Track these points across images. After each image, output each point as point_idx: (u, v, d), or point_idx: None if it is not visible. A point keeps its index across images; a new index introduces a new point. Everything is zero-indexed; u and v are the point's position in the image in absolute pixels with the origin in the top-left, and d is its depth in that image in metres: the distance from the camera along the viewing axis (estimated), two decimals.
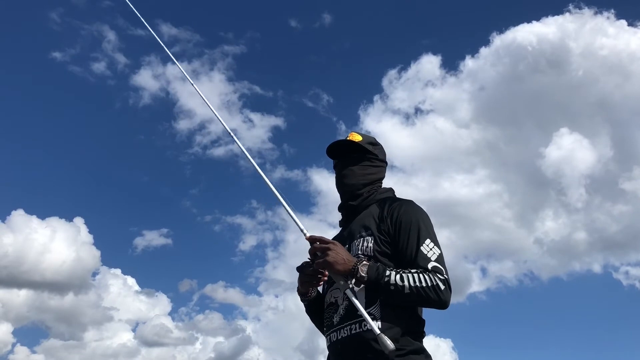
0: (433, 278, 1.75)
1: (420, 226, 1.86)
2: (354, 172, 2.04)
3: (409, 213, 1.90)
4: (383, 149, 2.14)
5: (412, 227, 1.86)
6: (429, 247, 1.83)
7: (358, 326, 1.82)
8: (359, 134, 2.10)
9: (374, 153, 2.07)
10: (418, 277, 1.75)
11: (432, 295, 1.73)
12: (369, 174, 2.05)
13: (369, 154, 2.06)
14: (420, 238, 1.84)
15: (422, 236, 1.84)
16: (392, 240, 1.87)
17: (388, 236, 1.88)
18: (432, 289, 1.73)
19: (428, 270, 1.78)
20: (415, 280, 1.74)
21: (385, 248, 1.87)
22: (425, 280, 1.74)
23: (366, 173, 2.04)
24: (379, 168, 2.08)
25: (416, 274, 1.75)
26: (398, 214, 1.90)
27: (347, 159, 2.07)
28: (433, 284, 1.74)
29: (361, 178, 2.04)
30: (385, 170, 2.13)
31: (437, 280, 1.75)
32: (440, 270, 1.79)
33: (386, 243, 1.88)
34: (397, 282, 1.73)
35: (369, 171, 2.05)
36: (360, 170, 2.04)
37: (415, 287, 1.73)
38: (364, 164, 2.05)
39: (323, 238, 1.85)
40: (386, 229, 1.89)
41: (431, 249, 1.83)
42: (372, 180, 2.05)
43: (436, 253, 1.83)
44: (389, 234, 1.89)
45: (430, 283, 1.74)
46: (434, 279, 1.75)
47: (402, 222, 1.88)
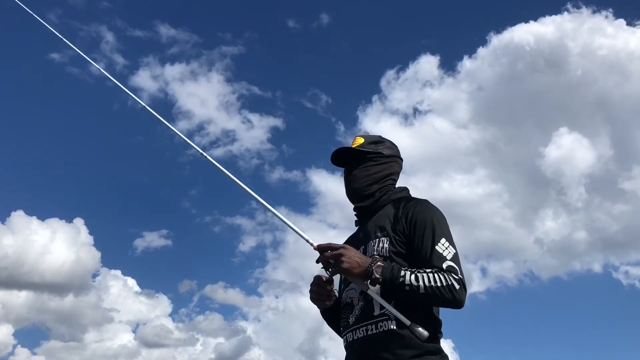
0: (448, 278, 1.74)
1: (435, 225, 1.86)
2: (356, 176, 2.04)
3: (424, 212, 1.89)
4: (391, 143, 2.13)
5: (427, 226, 1.85)
6: (444, 247, 1.82)
7: (374, 327, 1.82)
8: (362, 136, 2.11)
9: (376, 152, 2.06)
10: (433, 276, 1.74)
11: (447, 295, 1.73)
12: (373, 173, 2.04)
13: (370, 154, 2.05)
14: (435, 237, 1.83)
15: (437, 235, 1.84)
16: (407, 240, 1.87)
17: (403, 236, 1.88)
18: (447, 289, 1.73)
19: (443, 269, 1.77)
20: (430, 280, 1.73)
21: (401, 248, 1.87)
22: (440, 280, 1.73)
23: (370, 174, 2.03)
24: (385, 165, 2.06)
25: (431, 274, 1.75)
26: (413, 213, 1.89)
27: (350, 165, 2.08)
28: (448, 283, 1.73)
29: (364, 180, 2.03)
30: (396, 165, 2.10)
31: (452, 279, 1.74)
32: (455, 270, 1.78)
33: (401, 243, 1.87)
34: (412, 282, 1.73)
35: (373, 171, 2.04)
36: (362, 172, 2.04)
37: (430, 286, 1.72)
38: (366, 165, 2.04)
39: (331, 245, 1.82)
40: (401, 228, 1.89)
41: (446, 249, 1.82)
42: (379, 178, 2.04)
43: (451, 252, 1.82)
44: (404, 233, 1.88)
45: (445, 283, 1.73)
46: (449, 279, 1.74)
47: (417, 221, 1.87)
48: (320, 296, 1.97)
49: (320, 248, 1.82)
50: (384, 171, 2.05)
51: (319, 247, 1.83)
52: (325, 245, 1.82)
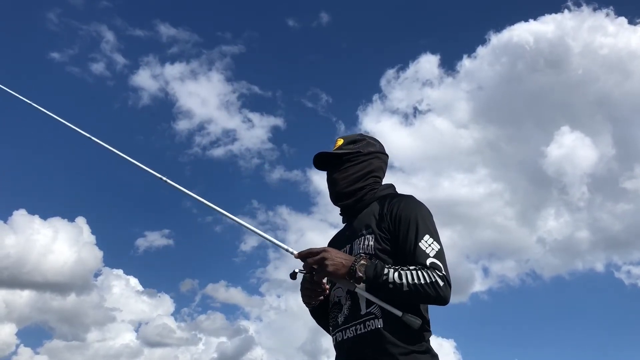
0: (432, 274, 1.74)
1: (419, 222, 1.85)
2: (336, 179, 2.04)
3: (408, 208, 1.89)
4: (372, 139, 2.12)
5: (410, 222, 1.85)
6: (428, 243, 1.81)
7: (362, 327, 1.82)
8: (342, 137, 2.10)
9: (354, 151, 2.04)
10: (417, 274, 1.73)
11: (431, 292, 1.72)
12: (352, 173, 2.02)
13: (347, 154, 2.04)
14: (418, 234, 1.82)
15: (421, 232, 1.83)
16: (392, 237, 1.86)
17: (388, 233, 1.87)
18: (431, 286, 1.72)
19: (426, 266, 1.76)
20: (413, 277, 1.72)
21: (386, 245, 1.86)
22: (423, 277, 1.73)
23: (348, 174, 2.02)
24: (364, 163, 2.04)
25: (414, 271, 1.74)
26: (397, 209, 1.89)
27: (330, 168, 2.08)
28: (432, 280, 1.72)
29: (344, 182, 2.02)
30: (377, 161, 2.08)
31: (435, 276, 1.73)
32: (438, 267, 1.77)
33: (386, 240, 1.87)
34: (395, 279, 1.72)
35: (351, 171, 2.03)
36: (341, 174, 2.03)
37: (414, 284, 1.72)
38: (344, 166, 2.03)
39: (312, 250, 1.82)
40: (386, 225, 1.88)
41: (430, 245, 1.81)
42: (359, 177, 2.02)
43: (435, 249, 1.81)
44: (389, 230, 1.87)
45: (428, 280, 1.72)
46: (432, 276, 1.73)
47: (401, 217, 1.86)
48: (315, 293, 1.96)
49: (301, 255, 1.83)
50: (364, 169, 2.04)
51: (299, 255, 1.84)
52: (305, 252, 1.83)
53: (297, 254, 1.84)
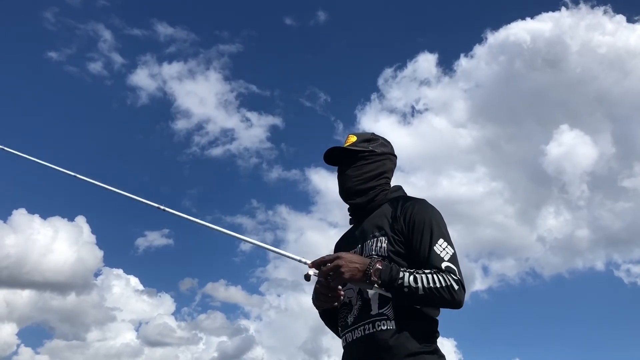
0: (447, 278, 1.74)
1: (433, 226, 1.85)
2: (349, 176, 2.03)
3: (422, 212, 1.89)
4: (385, 140, 2.12)
5: (425, 226, 1.85)
6: (442, 247, 1.82)
7: (371, 326, 1.82)
8: (355, 134, 2.10)
9: (368, 150, 2.05)
10: (432, 277, 1.74)
11: (446, 296, 1.73)
12: (365, 172, 2.02)
13: (362, 152, 2.04)
14: (433, 238, 1.83)
15: (435, 236, 1.84)
16: (406, 240, 1.86)
17: (402, 235, 1.87)
18: (446, 290, 1.72)
19: (441, 270, 1.77)
20: (429, 281, 1.73)
21: (399, 248, 1.86)
22: (439, 281, 1.73)
23: (362, 172, 2.02)
24: (378, 163, 2.05)
25: (430, 275, 1.74)
26: (411, 213, 1.89)
27: (343, 164, 2.07)
28: (447, 284, 1.73)
29: (357, 179, 2.02)
30: (389, 162, 2.09)
31: (450, 280, 1.74)
32: (453, 270, 1.78)
33: (400, 243, 1.87)
34: (410, 283, 1.72)
35: (365, 169, 2.03)
36: (355, 171, 2.03)
37: (429, 288, 1.72)
38: (358, 164, 2.03)
39: (325, 258, 1.82)
40: (399, 228, 1.88)
41: (444, 249, 1.82)
42: (372, 177, 2.03)
43: (449, 253, 1.82)
44: (402, 233, 1.87)
45: (444, 283, 1.73)
46: (447, 279, 1.74)
47: (416, 221, 1.86)
48: (330, 298, 1.91)
49: (315, 264, 1.82)
50: (377, 169, 2.04)
51: (313, 264, 1.83)
52: (319, 260, 1.82)
53: (311, 263, 1.83)
